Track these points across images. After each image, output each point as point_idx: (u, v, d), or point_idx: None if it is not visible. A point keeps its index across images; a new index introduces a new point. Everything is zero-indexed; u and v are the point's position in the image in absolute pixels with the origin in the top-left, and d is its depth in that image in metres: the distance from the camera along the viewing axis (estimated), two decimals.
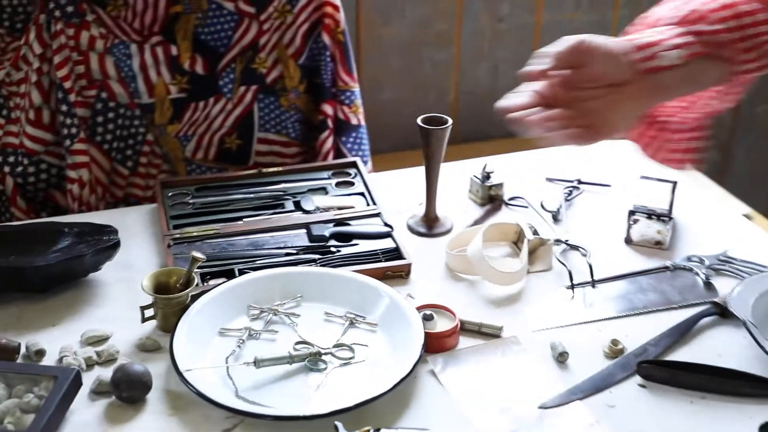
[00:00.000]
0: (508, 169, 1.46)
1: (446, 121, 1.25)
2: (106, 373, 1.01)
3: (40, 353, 1.05)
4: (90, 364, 1.04)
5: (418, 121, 1.25)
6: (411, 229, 1.32)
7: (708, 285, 1.18)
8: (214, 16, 1.45)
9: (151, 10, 1.42)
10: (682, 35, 1.00)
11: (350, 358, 1.05)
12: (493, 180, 1.38)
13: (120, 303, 1.15)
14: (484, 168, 1.38)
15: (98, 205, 1.50)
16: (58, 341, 1.07)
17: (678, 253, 1.26)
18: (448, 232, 1.31)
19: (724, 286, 1.16)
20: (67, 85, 1.40)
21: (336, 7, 1.51)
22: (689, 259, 1.23)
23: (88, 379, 1.01)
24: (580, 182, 1.43)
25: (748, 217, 1.96)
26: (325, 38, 1.51)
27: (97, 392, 1.00)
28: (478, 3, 2.16)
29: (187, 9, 1.44)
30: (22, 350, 1.05)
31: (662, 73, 1.00)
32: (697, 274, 1.20)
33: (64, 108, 1.41)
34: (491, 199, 1.38)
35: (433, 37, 2.16)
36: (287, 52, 1.51)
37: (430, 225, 1.31)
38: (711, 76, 1.02)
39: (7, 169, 1.46)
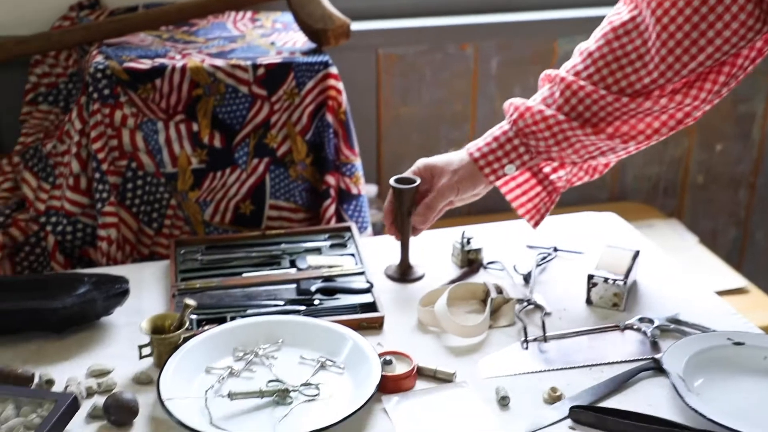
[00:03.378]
0: (494, 236, 1.59)
1: (414, 181, 1.41)
2: (103, 400, 1.16)
3: (50, 382, 1.21)
4: (90, 393, 1.20)
5: (391, 181, 1.41)
6: (388, 276, 1.47)
7: (654, 344, 1.27)
8: (230, 97, 1.66)
9: (176, 93, 1.63)
10: (517, 148, 1.36)
11: (315, 395, 1.18)
12: (473, 245, 1.51)
13: (125, 343, 1.31)
14: (463, 234, 1.52)
15: (125, 261, 1.69)
16: (67, 373, 1.23)
17: (634, 314, 1.36)
18: (419, 278, 1.45)
19: (668, 346, 1.25)
20: (101, 156, 1.61)
21: (338, 91, 1.69)
22: (640, 320, 1.32)
23: (88, 405, 1.17)
24: (556, 249, 1.55)
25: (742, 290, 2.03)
26: (329, 117, 1.69)
27: (92, 416, 1.15)
28: (492, 87, 2.33)
29: (206, 92, 1.64)
30: (36, 379, 1.22)
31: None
32: (644, 333, 1.29)
33: (97, 176, 1.62)
34: (470, 262, 1.51)
35: (449, 116, 2.33)
36: (295, 129, 1.70)
37: (404, 272, 1.46)
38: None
39: (49, 228, 1.67)
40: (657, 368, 1.20)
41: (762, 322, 1.83)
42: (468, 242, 1.52)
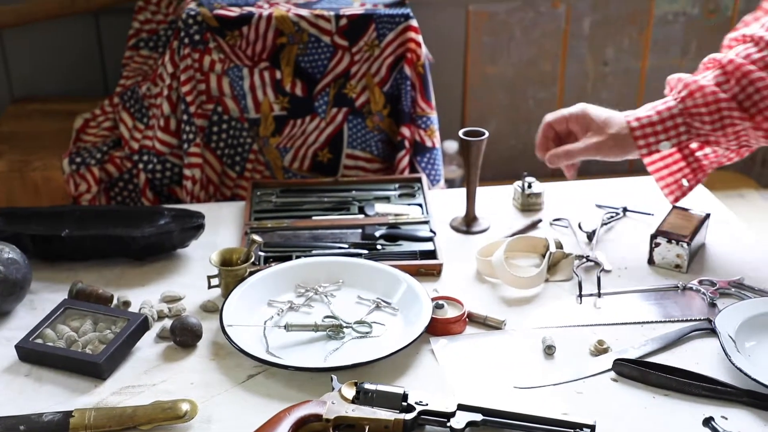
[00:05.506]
0: (563, 194, 1.59)
1: (483, 134, 1.42)
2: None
3: (127, 304, 1.31)
4: (161, 316, 1.29)
5: (460, 134, 1.43)
6: (453, 227, 1.50)
7: (711, 305, 1.26)
8: (313, 47, 1.71)
9: (261, 41, 1.69)
10: (678, 126, 1.30)
11: (367, 332, 1.24)
12: (533, 189, 1.53)
13: (198, 274, 1.39)
14: (524, 178, 1.53)
15: (209, 200, 1.78)
16: (143, 297, 1.33)
17: (697, 276, 1.34)
18: (484, 231, 1.47)
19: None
20: (189, 99, 1.70)
21: (418, 43, 1.72)
22: (701, 282, 1.31)
23: (158, 327, 1.26)
24: (625, 210, 1.54)
25: None
26: (407, 70, 1.72)
27: (161, 337, 1.24)
28: (583, 47, 2.29)
29: (290, 40, 1.70)
30: (114, 300, 1.32)
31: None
32: (703, 294, 1.28)
33: (185, 118, 1.71)
34: (530, 205, 1.52)
35: (538, 76, 2.31)
36: (374, 81, 1.73)
37: (468, 224, 1.48)
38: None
39: (141, 166, 1.78)
40: (710, 329, 1.19)
41: None
42: (529, 186, 1.53)
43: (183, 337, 1.21)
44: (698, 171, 1.40)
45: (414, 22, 1.70)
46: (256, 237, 1.34)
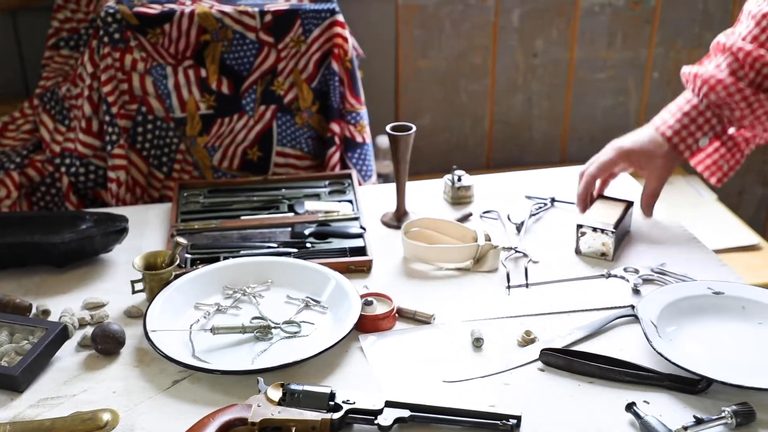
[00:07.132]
0: (494, 186, 1.60)
1: (411, 128, 1.42)
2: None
3: (46, 312, 1.27)
4: (83, 324, 1.25)
5: (387, 128, 1.42)
6: (383, 222, 1.49)
7: (635, 292, 1.27)
8: (238, 44, 1.68)
9: (184, 38, 1.66)
10: (710, 120, 1.37)
11: (296, 333, 1.22)
12: (463, 182, 1.53)
13: (122, 279, 1.36)
14: (453, 171, 1.53)
15: (136, 203, 1.74)
16: (64, 305, 1.29)
17: (622, 264, 1.35)
18: None
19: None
20: (111, 99, 1.65)
21: (345, 39, 1.70)
22: (626, 269, 1.32)
23: (80, 336, 1.22)
24: (553, 200, 1.55)
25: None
26: (335, 65, 1.70)
27: (82, 345, 1.21)
28: (513, 39, 2.30)
29: (214, 37, 1.67)
30: (33, 310, 1.28)
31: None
32: (628, 281, 1.29)
33: (107, 119, 1.67)
34: (460, 198, 1.53)
35: (469, 69, 2.31)
36: (301, 77, 1.71)
37: (399, 219, 1.47)
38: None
39: (63, 169, 1.73)
40: (634, 315, 1.20)
41: None
42: (459, 179, 1.53)
43: (105, 344, 1.18)
44: (734, 149, 1.45)
45: (340, 17, 1.69)
46: (181, 239, 1.31)
